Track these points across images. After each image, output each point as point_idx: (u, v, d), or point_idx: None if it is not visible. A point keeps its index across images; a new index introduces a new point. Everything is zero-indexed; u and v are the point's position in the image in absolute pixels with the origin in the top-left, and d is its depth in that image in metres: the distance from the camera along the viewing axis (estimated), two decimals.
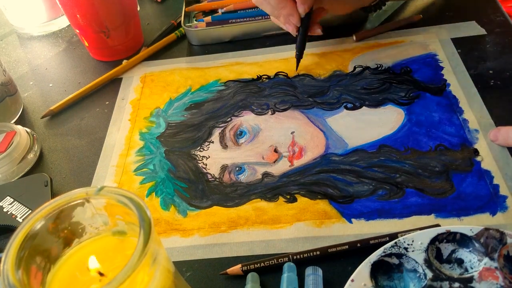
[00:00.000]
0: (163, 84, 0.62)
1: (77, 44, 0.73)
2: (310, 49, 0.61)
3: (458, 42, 0.57)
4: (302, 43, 0.56)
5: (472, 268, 0.35)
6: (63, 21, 0.78)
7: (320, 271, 0.38)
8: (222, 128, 0.53)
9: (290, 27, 0.54)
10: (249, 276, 0.38)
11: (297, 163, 0.48)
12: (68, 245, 0.32)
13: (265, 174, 0.47)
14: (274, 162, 0.48)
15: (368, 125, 0.50)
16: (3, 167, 0.51)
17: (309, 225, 0.42)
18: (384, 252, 0.36)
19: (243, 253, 0.41)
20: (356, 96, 0.53)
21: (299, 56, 0.57)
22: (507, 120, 0.47)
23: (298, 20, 0.53)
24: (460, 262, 0.36)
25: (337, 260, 0.39)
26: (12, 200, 0.47)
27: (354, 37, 0.60)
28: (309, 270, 0.38)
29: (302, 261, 0.39)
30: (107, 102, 0.61)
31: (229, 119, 0.54)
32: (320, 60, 0.59)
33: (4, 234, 0.46)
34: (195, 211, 0.46)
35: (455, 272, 0.36)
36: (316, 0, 0.53)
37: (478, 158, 0.45)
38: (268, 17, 0.64)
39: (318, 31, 0.56)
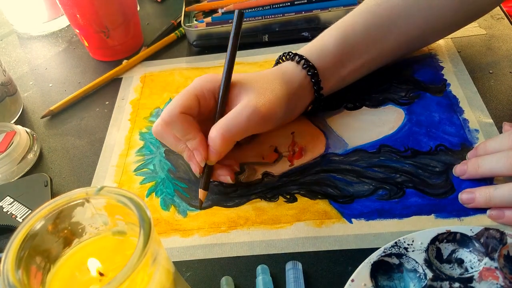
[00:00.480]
0: (163, 84, 0.62)
1: (77, 44, 0.73)
2: None
3: (458, 42, 0.57)
4: (206, 184, 0.45)
5: (472, 268, 0.35)
6: (63, 21, 0.78)
7: (299, 265, 0.38)
8: None
9: (194, 166, 0.45)
10: (223, 280, 0.39)
11: (297, 163, 0.48)
12: (68, 245, 0.32)
13: (265, 174, 0.47)
14: (274, 162, 0.48)
15: (368, 125, 0.50)
16: (3, 167, 0.51)
17: (309, 225, 0.42)
18: (384, 252, 0.36)
19: (243, 253, 0.41)
20: (356, 96, 0.53)
21: (203, 195, 0.45)
22: (507, 120, 0.47)
23: (204, 159, 0.44)
24: (460, 262, 0.36)
25: (337, 260, 0.39)
26: (12, 200, 0.47)
27: None
28: (289, 265, 0.38)
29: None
30: (107, 102, 0.61)
31: None
32: None
33: (4, 234, 0.46)
34: (195, 211, 0.46)
35: (455, 272, 0.36)
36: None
37: None
38: (269, 17, 0.64)
39: (227, 179, 0.45)
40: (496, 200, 0.39)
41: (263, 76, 0.47)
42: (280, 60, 0.50)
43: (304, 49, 0.49)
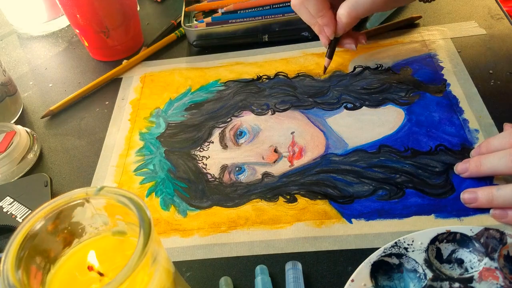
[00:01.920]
0: (163, 84, 0.62)
1: (77, 44, 0.73)
2: (310, 49, 0.61)
3: (458, 42, 0.57)
4: (331, 53, 0.55)
5: (472, 268, 0.35)
6: (63, 21, 0.78)
7: (299, 265, 0.38)
8: (222, 128, 0.53)
9: (323, 38, 0.54)
10: (222, 280, 0.39)
11: (297, 163, 0.48)
12: (68, 245, 0.32)
13: (265, 174, 0.47)
14: (274, 162, 0.48)
15: (368, 125, 0.50)
16: (3, 167, 0.51)
17: (309, 225, 0.42)
18: (384, 252, 0.36)
19: (243, 253, 0.41)
20: (356, 96, 0.53)
21: (328, 62, 0.55)
22: (507, 120, 0.47)
23: (332, 34, 0.52)
24: (460, 262, 0.36)
25: (337, 260, 0.39)
26: (12, 200, 0.47)
27: None
28: (289, 265, 0.38)
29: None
30: (107, 102, 0.61)
31: (229, 119, 0.54)
32: (320, 60, 0.59)
33: (4, 234, 0.46)
34: (195, 211, 0.46)
35: (455, 272, 0.36)
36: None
37: None
38: (268, 17, 0.64)
39: (352, 46, 0.54)
40: (499, 201, 0.39)
41: None
42: None
43: None
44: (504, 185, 0.40)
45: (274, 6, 0.65)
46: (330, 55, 0.54)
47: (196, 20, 0.70)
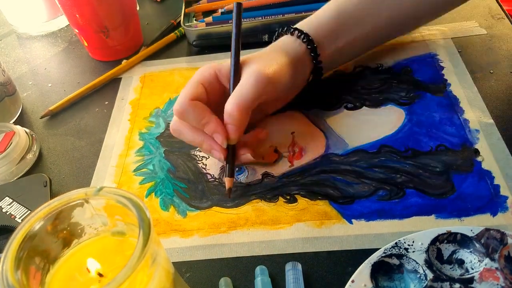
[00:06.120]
0: (163, 84, 0.62)
1: (76, 44, 0.73)
2: None
3: (459, 42, 0.57)
4: (231, 170, 0.45)
5: (472, 269, 0.35)
6: (62, 21, 0.78)
7: (299, 266, 0.38)
8: None
9: (216, 153, 0.44)
10: (222, 281, 0.39)
11: (297, 163, 0.48)
12: (67, 246, 0.32)
13: (265, 175, 0.47)
14: (274, 162, 0.48)
15: (369, 125, 0.50)
16: (2, 167, 0.51)
17: (309, 226, 0.42)
18: (384, 252, 0.36)
19: (243, 254, 0.41)
20: (356, 96, 0.53)
21: (230, 183, 0.45)
22: (507, 119, 0.47)
23: (225, 140, 0.43)
24: (460, 262, 0.36)
25: (337, 261, 0.39)
26: (11, 200, 0.47)
27: None
28: (289, 266, 0.38)
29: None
30: (106, 102, 0.61)
31: None
32: None
33: (3, 235, 0.46)
34: (194, 212, 0.45)
35: (456, 272, 0.36)
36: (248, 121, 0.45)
37: (479, 158, 0.44)
38: (269, 17, 0.64)
39: (248, 157, 0.45)
40: None
41: (264, 51, 0.49)
42: (277, 35, 0.52)
43: (300, 23, 0.51)
44: None
45: (274, 6, 0.65)
46: (231, 173, 0.44)
47: (196, 20, 0.70)
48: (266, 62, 0.46)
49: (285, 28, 0.50)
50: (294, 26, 0.50)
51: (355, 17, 0.51)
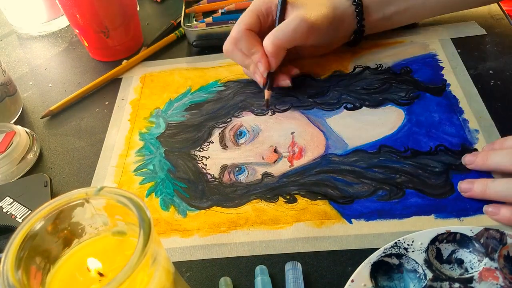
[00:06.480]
0: (163, 84, 0.62)
1: (76, 44, 0.73)
2: None
3: (458, 42, 0.57)
4: (271, 85, 0.53)
5: (472, 269, 0.35)
6: (63, 21, 0.78)
7: (299, 266, 0.38)
8: (222, 129, 0.53)
9: (258, 76, 0.53)
10: (222, 280, 0.39)
11: (297, 163, 0.48)
12: (67, 246, 0.32)
13: (265, 175, 0.47)
14: (274, 162, 0.48)
15: (368, 126, 0.50)
16: (3, 167, 0.51)
17: (309, 226, 0.42)
18: (384, 252, 0.36)
19: (243, 254, 0.41)
20: (356, 96, 0.53)
21: (268, 94, 0.54)
22: (507, 120, 0.47)
23: (266, 69, 0.51)
24: (460, 262, 0.36)
25: (337, 260, 0.39)
26: (11, 200, 0.47)
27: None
28: (288, 265, 0.38)
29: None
30: (106, 102, 0.61)
31: (229, 119, 0.54)
32: (320, 60, 0.59)
33: (3, 235, 0.46)
34: (195, 212, 0.46)
35: (455, 272, 0.36)
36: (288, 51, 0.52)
37: None
38: None
39: (287, 82, 0.53)
40: (491, 192, 0.40)
41: None
42: None
43: None
44: (500, 179, 0.41)
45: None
46: (269, 87, 0.53)
47: (196, 20, 0.70)
48: (312, 10, 0.50)
49: None
50: None
51: None
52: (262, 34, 0.52)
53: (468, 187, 0.41)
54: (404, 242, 0.37)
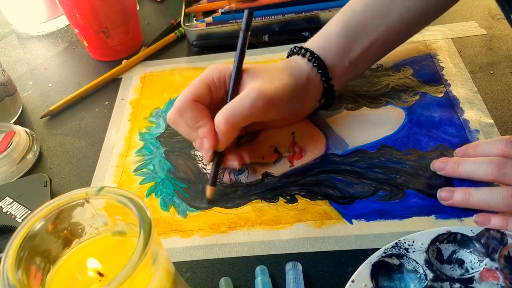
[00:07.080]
0: (163, 84, 0.62)
1: (76, 44, 0.73)
2: None
3: (459, 42, 0.57)
4: (214, 179, 0.46)
5: (472, 269, 0.35)
6: (63, 21, 0.78)
7: (299, 266, 0.38)
8: None
9: (205, 154, 0.45)
10: (222, 280, 0.39)
11: (297, 163, 0.48)
12: (67, 246, 0.32)
13: (265, 175, 0.47)
14: (274, 162, 0.48)
15: (369, 126, 0.50)
16: (3, 167, 0.51)
17: (309, 226, 0.42)
18: (384, 252, 0.36)
19: (243, 254, 0.41)
20: (356, 96, 0.53)
21: (211, 192, 0.46)
22: (507, 120, 0.47)
23: (211, 147, 0.44)
24: (460, 262, 0.36)
25: (338, 261, 0.39)
26: (11, 200, 0.47)
27: None
28: (289, 266, 0.38)
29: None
30: (106, 102, 0.61)
31: None
32: None
33: (3, 235, 0.46)
34: (195, 212, 0.45)
35: (456, 272, 0.36)
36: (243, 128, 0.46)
37: None
38: (268, 17, 0.64)
39: (235, 164, 0.46)
40: (474, 200, 0.40)
41: (272, 66, 0.47)
42: (291, 53, 0.50)
43: (310, 41, 0.49)
44: (482, 187, 0.40)
45: (274, 6, 0.65)
46: (213, 182, 0.45)
47: (196, 20, 0.70)
48: (270, 81, 0.44)
49: (297, 48, 0.48)
50: (306, 47, 0.48)
51: (364, 22, 0.47)
52: (214, 105, 0.45)
53: (448, 196, 0.41)
54: (405, 242, 0.37)
